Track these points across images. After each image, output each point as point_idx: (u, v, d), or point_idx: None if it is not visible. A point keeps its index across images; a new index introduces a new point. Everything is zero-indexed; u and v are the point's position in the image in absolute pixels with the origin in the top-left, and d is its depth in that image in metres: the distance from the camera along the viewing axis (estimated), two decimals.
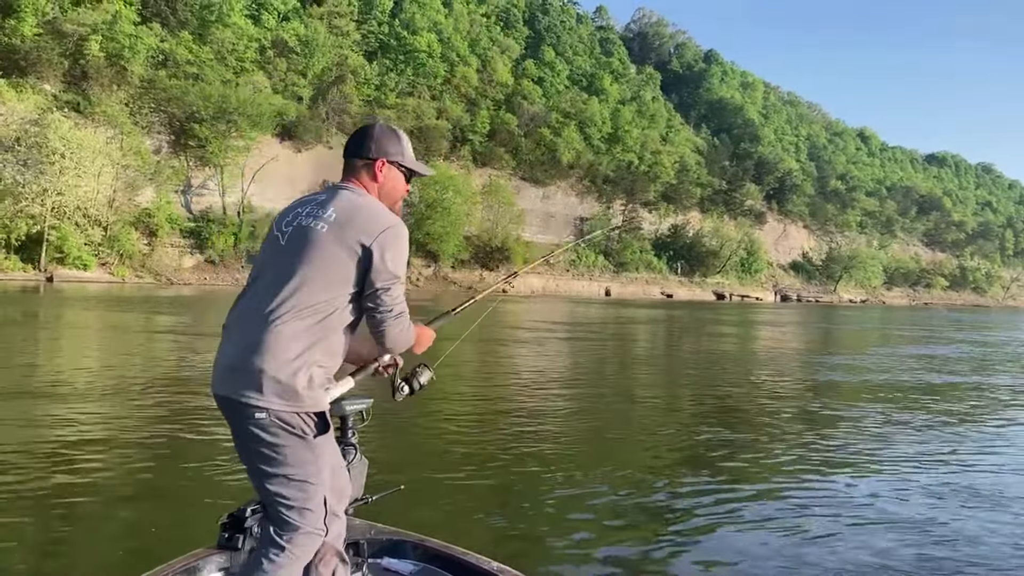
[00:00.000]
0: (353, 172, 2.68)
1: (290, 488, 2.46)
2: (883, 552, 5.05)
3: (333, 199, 2.57)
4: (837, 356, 21.84)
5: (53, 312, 26.77)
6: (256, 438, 2.43)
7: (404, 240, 2.52)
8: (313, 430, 2.46)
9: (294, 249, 2.48)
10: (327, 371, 2.53)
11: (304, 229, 2.49)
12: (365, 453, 3.24)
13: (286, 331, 2.39)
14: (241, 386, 2.39)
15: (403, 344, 2.63)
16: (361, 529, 3.26)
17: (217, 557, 3.03)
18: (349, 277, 2.44)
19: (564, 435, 8.69)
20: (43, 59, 62.33)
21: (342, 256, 2.42)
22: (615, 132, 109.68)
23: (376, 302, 2.47)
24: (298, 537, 2.50)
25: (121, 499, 5.61)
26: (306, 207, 2.59)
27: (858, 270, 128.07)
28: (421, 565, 3.22)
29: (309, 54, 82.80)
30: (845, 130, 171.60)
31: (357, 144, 2.71)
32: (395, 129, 2.75)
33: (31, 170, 53.55)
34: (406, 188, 2.76)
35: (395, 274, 2.48)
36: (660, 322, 37.47)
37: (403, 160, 2.71)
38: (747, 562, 4.81)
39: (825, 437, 9.03)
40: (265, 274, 2.54)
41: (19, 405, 9.22)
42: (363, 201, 2.57)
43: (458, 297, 57.81)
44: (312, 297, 2.41)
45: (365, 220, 2.48)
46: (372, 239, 2.43)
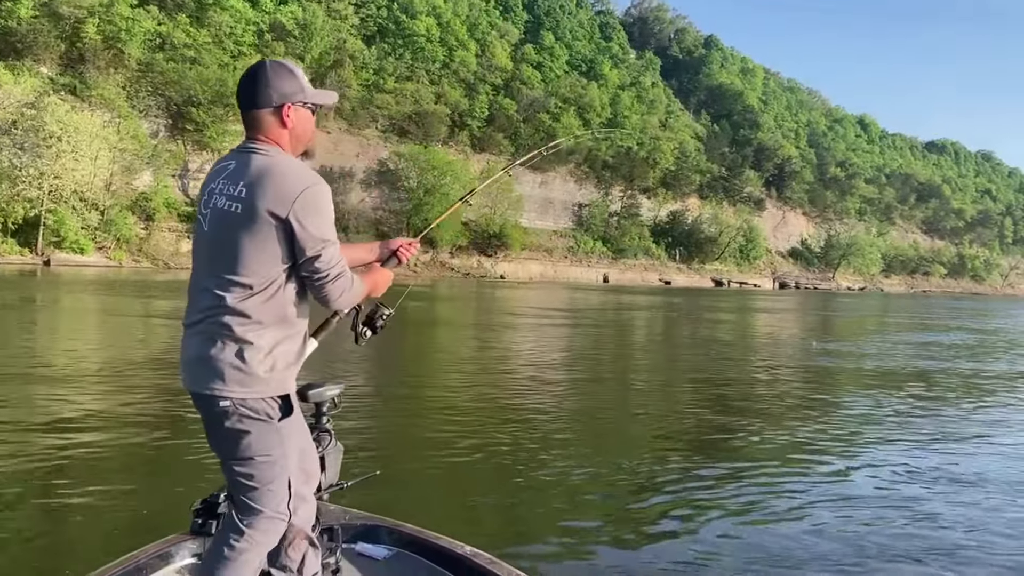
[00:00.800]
0: (258, 125, 2.46)
1: (254, 471, 2.43)
2: (878, 533, 5.05)
3: (242, 169, 2.40)
4: (834, 343, 21.84)
5: (50, 296, 26.74)
6: (222, 426, 2.40)
7: (322, 199, 2.37)
8: (278, 413, 2.42)
9: (217, 237, 2.39)
10: (290, 346, 2.46)
11: (220, 214, 2.38)
12: (340, 439, 3.21)
13: (236, 321, 2.34)
14: (203, 379, 2.37)
15: (352, 301, 2.57)
16: (336, 514, 3.26)
17: (190, 543, 3.03)
18: (278, 253, 2.34)
19: (556, 420, 8.69)
20: (39, 42, 62.08)
21: (264, 236, 2.32)
22: (614, 117, 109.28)
23: (310, 271, 2.37)
24: (259, 521, 2.46)
25: (111, 479, 5.60)
26: (219, 181, 2.43)
27: (857, 257, 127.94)
28: (395, 550, 3.22)
29: (307, 38, 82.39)
30: (845, 117, 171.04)
31: (253, 93, 2.46)
32: (285, 64, 2.53)
33: (28, 153, 53.34)
34: (314, 124, 2.60)
35: (322, 238, 2.35)
36: (658, 309, 37.47)
37: (307, 97, 2.51)
38: (741, 545, 4.80)
39: (822, 422, 9.03)
40: (201, 265, 2.47)
41: (15, 387, 9.21)
42: (271, 165, 2.37)
43: (455, 283, 57.91)
44: (250, 283, 2.34)
45: (276, 190, 2.31)
46: (287, 209, 2.29)
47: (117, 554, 2.95)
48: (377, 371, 12.52)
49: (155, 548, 2.97)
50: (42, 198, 53.25)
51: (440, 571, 3.07)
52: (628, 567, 4.48)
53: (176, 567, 2.98)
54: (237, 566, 2.43)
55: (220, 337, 2.35)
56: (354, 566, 3.10)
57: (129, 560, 2.87)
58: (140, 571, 2.85)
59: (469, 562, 3.01)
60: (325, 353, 3.03)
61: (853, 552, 4.81)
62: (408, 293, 3.28)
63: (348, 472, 3.32)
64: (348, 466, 3.37)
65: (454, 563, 3.05)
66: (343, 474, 3.25)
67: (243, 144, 2.50)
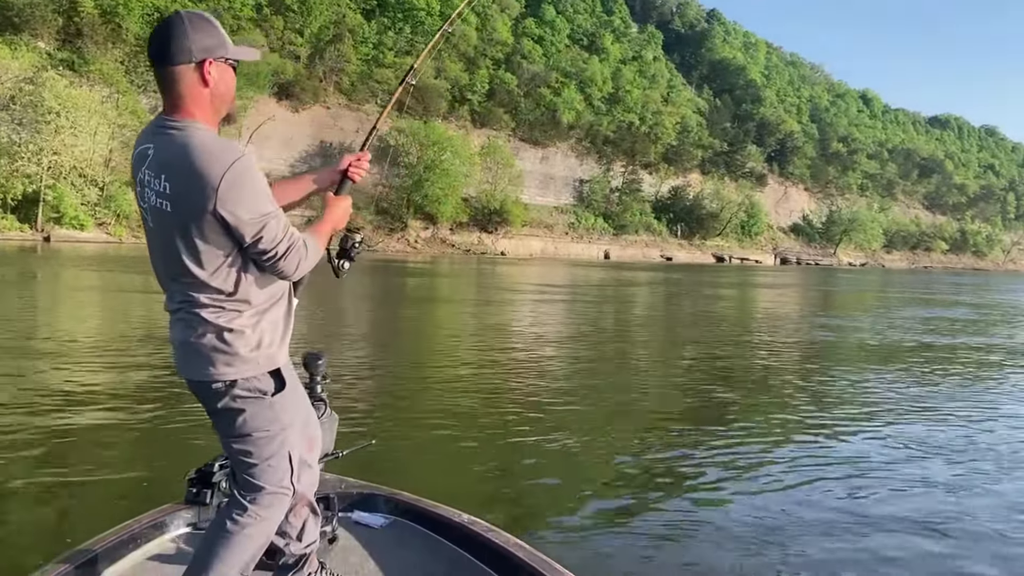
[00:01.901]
0: (175, 84, 2.22)
1: (252, 447, 2.39)
2: (886, 503, 5.04)
3: (161, 157, 2.23)
4: (835, 318, 21.84)
5: (50, 272, 26.73)
6: (218, 409, 2.36)
7: (246, 176, 2.16)
8: (271, 388, 2.36)
9: (162, 238, 2.28)
10: (272, 318, 2.39)
11: (156, 212, 2.25)
12: (336, 409, 3.19)
13: (209, 311, 2.27)
14: (192, 366, 2.32)
15: (311, 265, 2.40)
16: (332, 483, 3.25)
17: (184, 512, 3.03)
18: (223, 243, 2.22)
19: (555, 393, 8.68)
20: (37, 16, 61.73)
21: (202, 231, 2.19)
22: (616, 92, 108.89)
23: (258, 253, 2.24)
24: (262, 497, 2.42)
25: (109, 450, 5.60)
26: (145, 171, 2.26)
27: (858, 233, 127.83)
28: (392, 518, 3.22)
29: (306, 12, 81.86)
30: (847, 92, 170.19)
31: (170, 48, 2.20)
32: (204, 15, 2.27)
33: (26, 129, 53.16)
34: (234, 82, 2.34)
35: (258, 215, 2.19)
36: (659, 285, 37.47)
37: (228, 53, 2.27)
38: (744, 518, 4.79)
39: (824, 397, 9.03)
40: (157, 259, 2.35)
41: (13, 361, 9.21)
42: (187, 151, 2.16)
43: (455, 260, 57.85)
44: (208, 276, 2.25)
45: (197, 182, 2.14)
46: (213, 200, 2.13)
47: (114, 522, 2.94)
48: (376, 345, 12.52)
49: (149, 518, 2.96)
50: (41, 174, 53.12)
51: (437, 539, 3.06)
52: (625, 537, 4.48)
53: (170, 536, 2.97)
54: (241, 539, 2.40)
55: (199, 325, 2.28)
56: (351, 534, 3.09)
57: (123, 529, 2.85)
58: (134, 540, 2.84)
59: (466, 530, 3.00)
60: (325, 324, 2.97)
61: (859, 523, 4.80)
62: None
63: (344, 442, 3.30)
64: (344, 436, 3.34)
65: (451, 531, 3.04)
66: (338, 444, 3.22)
67: (158, 120, 2.29)
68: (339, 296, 20.42)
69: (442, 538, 3.05)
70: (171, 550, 2.90)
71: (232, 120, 2.45)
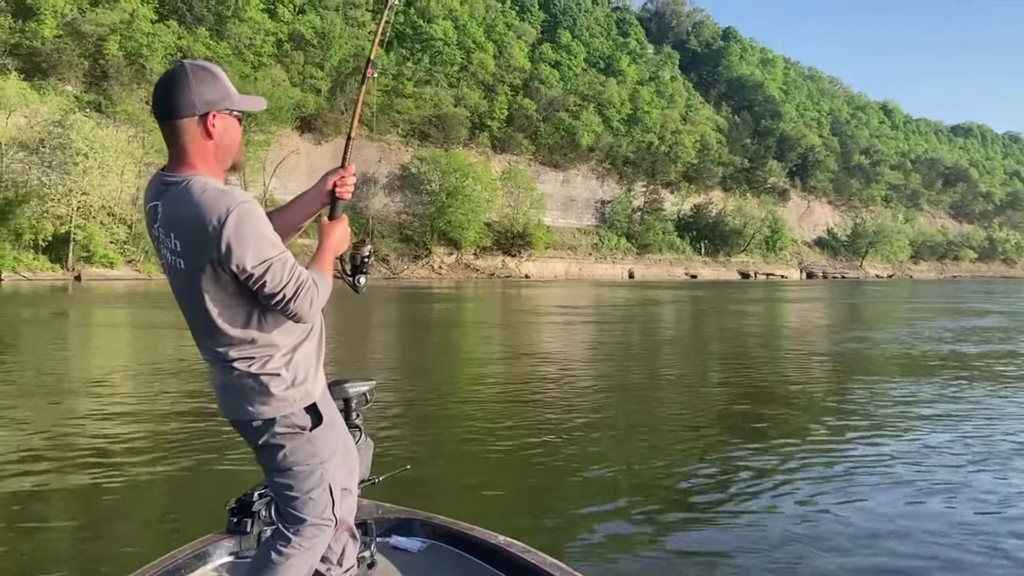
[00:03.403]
0: (178, 137, 2.23)
1: (292, 481, 2.45)
2: (921, 515, 5.00)
3: (168, 214, 2.25)
4: (866, 330, 21.64)
5: (82, 311, 27.13)
6: (260, 445, 2.42)
7: (248, 221, 2.15)
8: (308, 424, 2.42)
9: (182, 294, 2.34)
10: (304, 354, 2.43)
11: (172, 270, 2.30)
12: (370, 435, 3.24)
13: (240, 357, 2.33)
14: (233, 407, 2.38)
15: (325, 298, 2.38)
16: (368, 509, 3.29)
17: (226, 542, 3.07)
18: (237, 291, 2.26)
19: (586, 413, 8.66)
20: (64, 60, 63.09)
21: (215, 285, 2.24)
22: (634, 113, 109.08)
23: (268, 297, 2.24)
24: (305, 528, 2.47)
25: (145, 487, 5.68)
26: (156, 226, 2.30)
27: (884, 245, 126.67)
28: (429, 542, 3.25)
29: (326, 46, 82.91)
30: (868, 104, 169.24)
31: (171, 100, 2.22)
32: (208, 66, 2.29)
33: (56, 171, 54.19)
34: (240, 133, 2.35)
35: (262, 262, 2.18)
36: (684, 303, 37.31)
37: (233, 104, 2.28)
38: (778, 533, 4.77)
39: (859, 409, 8.94)
40: (183, 309, 2.40)
41: (51, 401, 9.35)
42: (191, 204, 2.17)
43: (479, 284, 57.72)
44: (231, 327, 2.29)
45: (202, 234, 2.15)
46: (217, 253, 2.15)
47: (157, 553, 3.00)
48: (406, 371, 12.59)
49: (192, 548, 3.01)
50: (71, 214, 54.05)
51: (474, 562, 3.09)
52: (663, 557, 4.47)
53: (213, 566, 3.01)
54: (283, 571, 2.43)
55: (233, 370, 2.34)
56: (389, 559, 3.12)
57: (167, 560, 2.91)
58: (178, 571, 2.89)
59: (503, 552, 3.02)
60: (356, 351, 3.04)
61: (898, 534, 4.77)
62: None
63: (379, 468, 3.35)
64: (379, 462, 3.39)
65: (488, 553, 3.06)
66: (374, 469, 3.27)
67: (161, 176, 2.31)
68: (367, 324, 20.56)
69: (479, 560, 3.07)
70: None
71: (239, 169, 2.45)
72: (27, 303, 30.76)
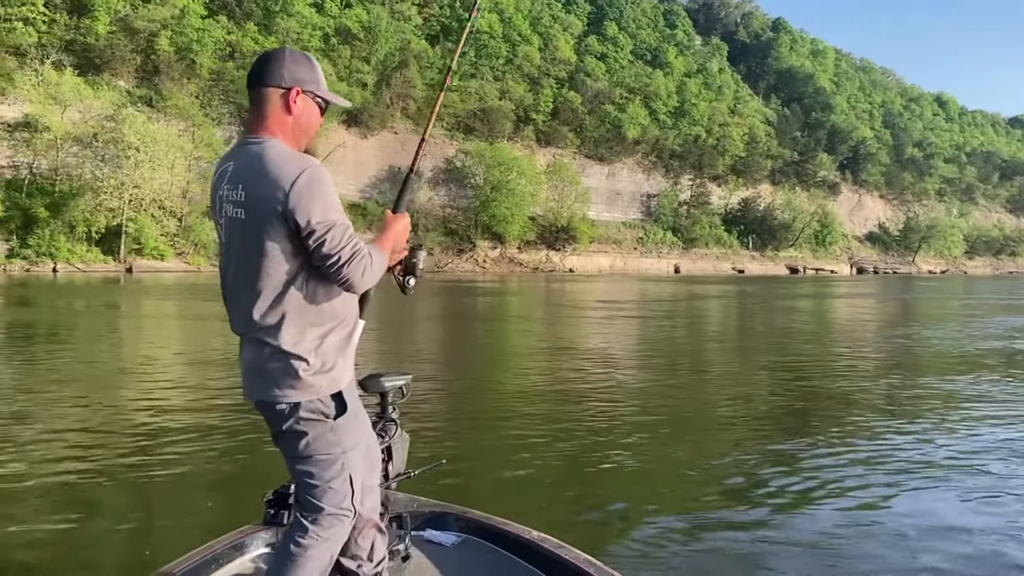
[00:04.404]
0: (262, 104, 2.38)
1: (314, 469, 2.44)
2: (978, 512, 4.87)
3: (240, 169, 2.34)
4: (918, 327, 21.22)
5: (133, 302, 27.68)
6: (283, 431, 2.42)
7: (320, 182, 2.26)
8: (333, 411, 2.40)
9: (235, 247, 2.37)
10: (336, 339, 2.43)
11: (231, 222, 2.35)
12: (407, 429, 3.23)
13: (275, 329, 2.33)
14: (259, 388, 2.38)
15: (376, 278, 2.43)
16: (404, 502, 3.28)
17: (264, 533, 3.09)
18: (290, 249, 2.29)
19: (627, 408, 8.57)
20: (116, 56, 64.48)
21: (271, 235, 2.27)
22: (681, 106, 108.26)
23: (322, 258, 2.28)
24: (323, 518, 2.45)
25: (186, 477, 5.75)
26: (223, 186, 2.37)
27: (937, 239, 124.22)
28: (464, 536, 3.24)
29: (372, 40, 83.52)
30: (921, 95, 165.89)
31: (265, 71, 2.39)
32: (306, 55, 2.45)
33: (108, 165, 55.49)
34: (320, 122, 2.49)
35: (325, 221, 2.25)
36: (731, 298, 36.91)
37: (318, 90, 2.43)
38: (826, 534, 4.67)
39: (908, 408, 8.74)
40: (228, 276, 2.45)
41: (100, 389, 9.54)
42: (264, 159, 2.28)
43: (523, 279, 57.85)
44: (276, 286, 2.31)
45: (271, 184, 2.24)
46: (284, 202, 2.22)
47: (196, 543, 3.02)
48: (446, 364, 12.61)
49: (229, 539, 3.03)
50: (123, 207, 55.27)
51: (508, 556, 3.06)
52: (703, 554, 4.39)
53: (250, 556, 3.03)
54: (305, 562, 2.43)
55: (265, 347, 2.34)
56: (423, 552, 3.11)
57: (205, 550, 2.93)
58: (216, 561, 2.91)
59: (537, 547, 2.99)
60: (396, 344, 3.03)
61: (952, 531, 4.64)
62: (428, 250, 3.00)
63: (415, 461, 3.33)
64: (416, 456, 3.38)
65: (522, 548, 3.04)
66: (409, 463, 3.26)
67: (240, 140, 2.43)
68: (410, 317, 20.65)
69: (513, 555, 3.05)
70: (251, 570, 2.96)
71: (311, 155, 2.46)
72: (81, 294, 31.48)
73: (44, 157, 56.99)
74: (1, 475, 5.70)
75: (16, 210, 53.31)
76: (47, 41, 61.39)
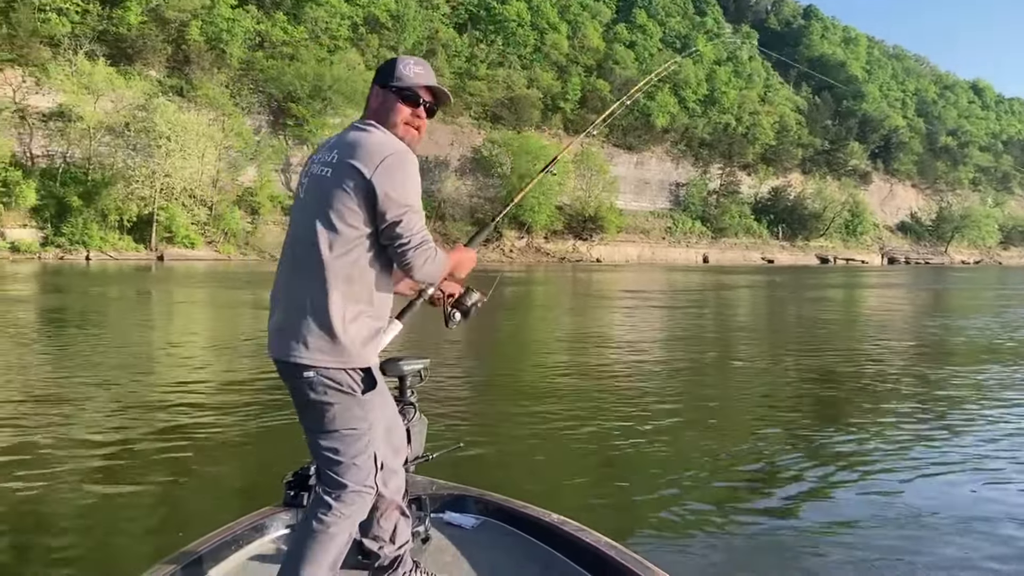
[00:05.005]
0: (372, 98, 2.63)
1: (339, 444, 2.45)
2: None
3: (340, 140, 2.51)
4: (952, 317, 20.92)
5: (164, 289, 27.98)
6: (306, 397, 2.42)
7: (408, 167, 2.41)
8: (360, 386, 2.42)
9: (310, 202, 2.45)
10: (374, 319, 2.48)
11: (315, 179, 2.46)
12: (426, 413, 3.23)
13: (320, 287, 2.37)
14: (289, 347, 2.39)
15: (434, 274, 2.54)
16: (423, 485, 3.31)
17: (283, 515, 3.12)
18: (361, 216, 2.38)
19: (651, 396, 8.51)
20: (148, 46, 65.14)
21: (349, 197, 2.36)
22: (711, 94, 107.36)
23: (391, 236, 2.38)
24: (346, 495, 2.47)
25: (211, 458, 5.81)
26: (320, 153, 2.53)
27: (971, 230, 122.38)
28: (482, 519, 3.26)
29: (400, 29, 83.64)
30: (956, 83, 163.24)
31: (381, 71, 2.67)
32: (399, 58, 2.67)
33: (140, 154, 56.07)
34: (411, 112, 2.60)
35: (404, 203, 2.37)
36: (760, 288, 36.61)
37: (393, 82, 2.58)
38: (854, 528, 4.62)
39: (940, 399, 8.62)
40: (293, 233, 2.53)
41: (131, 373, 9.66)
42: (364, 135, 2.47)
43: (550, 268, 57.85)
44: (336, 246, 2.37)
45: (364, 153, 2.39)
46: (371, 171, 2.34)
47: (220, 522, 3.06)
48: (470, 349, 12.62)
49: (249, 520, 3.06)
50: (154, 196, 55.86)
51: (527, 539, 3.08)
52: (722, 540, 4.36)
53: (270, 538, 3.06)
54: (327, 538, 2.45)
55: (303, 305, 2.38)
56: (443, 534, 3.14)
57: (226, 531, 2.96)
58: (236, 542, 2.95)
59: (556, 530, 3.01)
60: (418, 331, 3.05)
61: (986, 521, 4.58)
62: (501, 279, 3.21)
63: (434, 444, 3.33)
64: (438, 438, 3.38)
65: (541, 531, 3.05)
66: (428, 447, 3.26)
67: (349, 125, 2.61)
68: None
69: (532, 538, 3.06)
70: (271, 551, 2.99)
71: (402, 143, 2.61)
72: (114, 281, 31.87)
73: (77, 146, 57.75)
74: (39, 453, 5.83)
75: (51, 199, 54.10)
76: (80, 32, 62.14)
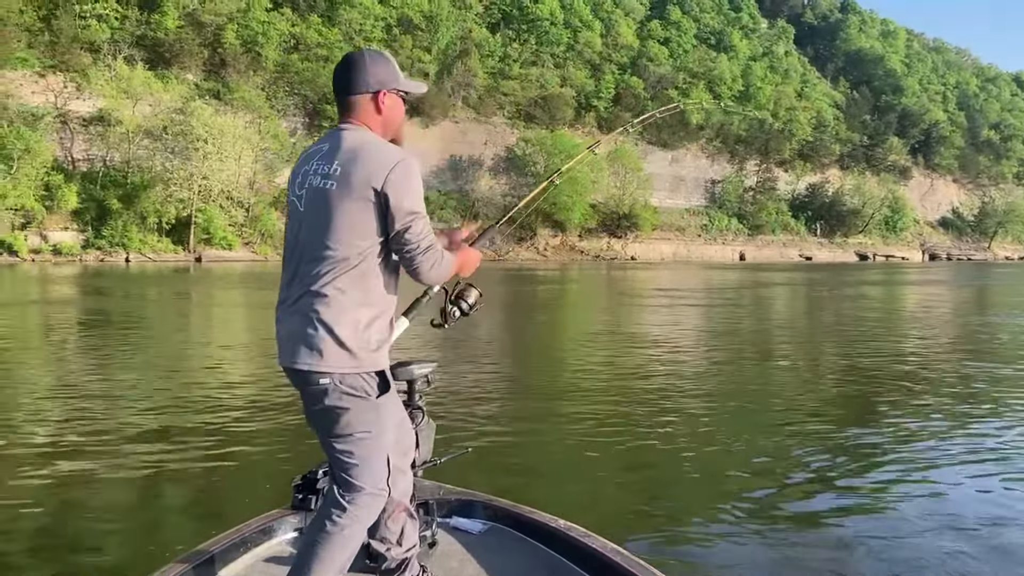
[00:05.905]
0: (353, 110, 2.57)
1: (353, 447, 2.47)
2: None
3: (335, 148, 2.49)
4: (997, 314, 20.52)
5: (203, 290, 28.37)
6: (320, 403, 2.44)
7: (414, 174, 2.46)
8: (375, 390, 2.45)
9: (314, 215, 2.45)
10: (382, 323, 2.51)
11: (316, 191, 2.45)
12: (435, 417, 3.22)
13: (333, 297, 2.40)
14: (301, 355, 2.41)
15: (442, 276, 2.61)
16: (430, 490, 3.30)
17: (291, 518, 3.13)
18: (372, 227, 2.41)
19: (679, 397, 8.43)
20: (185, 50, 66.19)
21: (358, 209, 2.39)
22: (747, 90, 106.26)
23: (401, 243, 2.43)
24: (360, 497, 2.48)
25: (231, 453, 5.85)
26: (312, 162, 2.51)
27: (1015, 224, 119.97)
28: (490, 524, 3.25)
29: (433, 30, 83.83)
30: (999, 75, 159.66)
31: (351, 79, 2.57)
32: (381, 53, 2.66)
33: (178, 157, 56.94)
34: (403, 111, 2.69)
35: (412, 211, 2.42)
36: (799, 285, 36.19)
37: (399, 84, 2.61)
38: (890, 536, 4.53)
39: (982, 398, 8.42)
40: (294, 245, 2.53)
41: (168, 374, 9.80)
42: (365, 143, 2.47)
43: (584, 266, 57.61)
44: (343, 257, 2.40)
45: (370, 164, 2.40)
46: (381, 183, 2.38)
47: (234, 522, 3.09)
48: (490, 350, 12.60)
49: (257, 523, 3.07)
50: (192, 198, 56.70)
51: (534, 544, 3.06)
52: (735, 545, 4.29)
53: (278, 540, 3.07)
54: (340, 540, 2.46)
55: (316, 314, 2.39)
56: (450, 539, 3.13)
57: (234, 533, 2.97)
58: (244, 544, 2.96)
59: (564, 536, 2.99)
60: (431, 332, 3.05)
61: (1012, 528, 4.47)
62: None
63: (448, 444, 3.33)
64: (448, 441, 3.37)
65: (548, 537, 3.04)
66: (436, 451, 3.26)
67: (336, 127, 2.60)
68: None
69: (540, 543, 3.05)
70: (279, 554, 3.00)
71: (398, 144, 2.65)
72: (153, 283, 32.38)
73: (117, 150, 58.85)
74: (78, 447, 5.94)
75: (91, 202, 55.19)
76: (119, 37, 63.27)
